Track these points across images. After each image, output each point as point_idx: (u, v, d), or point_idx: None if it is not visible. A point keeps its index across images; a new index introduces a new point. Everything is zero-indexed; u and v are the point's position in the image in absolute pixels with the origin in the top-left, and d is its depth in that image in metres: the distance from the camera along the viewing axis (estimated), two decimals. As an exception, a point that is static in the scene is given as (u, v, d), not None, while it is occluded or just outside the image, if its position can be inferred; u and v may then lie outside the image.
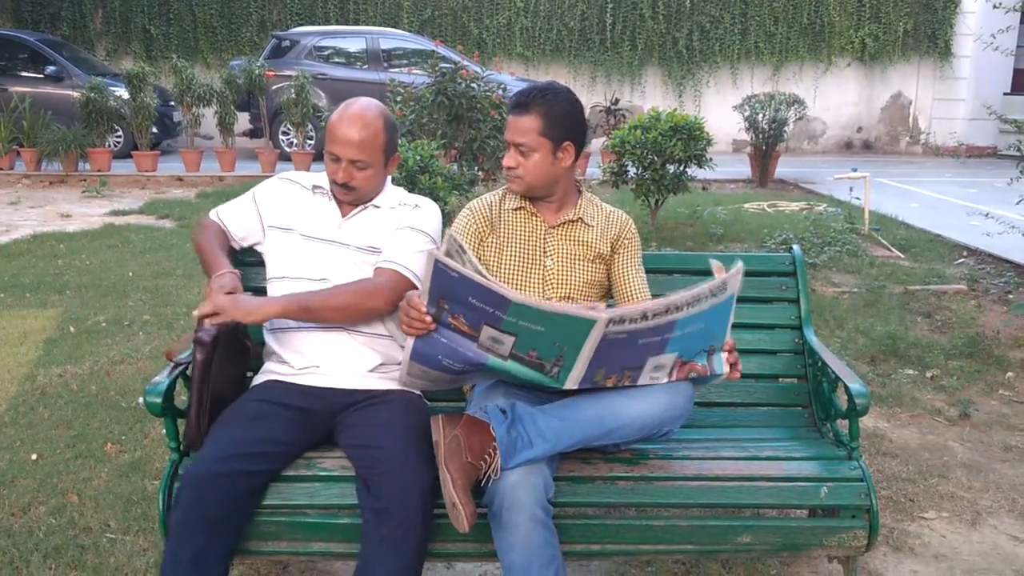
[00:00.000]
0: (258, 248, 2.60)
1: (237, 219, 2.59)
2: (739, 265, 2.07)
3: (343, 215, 2.51)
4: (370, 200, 2.53)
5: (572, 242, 2.53)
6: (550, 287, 2.49)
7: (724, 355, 2.20)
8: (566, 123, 2.43)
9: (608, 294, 2.61)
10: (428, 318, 2.02)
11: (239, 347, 2.45)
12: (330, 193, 2.53)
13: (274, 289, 2.48)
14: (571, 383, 2.10)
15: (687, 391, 2.23)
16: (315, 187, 2.56)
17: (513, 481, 2.07)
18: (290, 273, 2.46)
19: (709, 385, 2.31)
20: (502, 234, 2.52)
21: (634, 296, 2.54)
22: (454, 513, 2.04)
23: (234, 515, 2.10)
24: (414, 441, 2.20)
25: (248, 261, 2.65)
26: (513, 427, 2.12)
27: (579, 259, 2.52)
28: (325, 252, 2.46)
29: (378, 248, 2.46)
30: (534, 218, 2.53)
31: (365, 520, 2.12)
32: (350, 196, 2.49)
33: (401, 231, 2.48)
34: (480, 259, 2.47)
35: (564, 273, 2.50)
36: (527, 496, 2.06)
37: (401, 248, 2.44)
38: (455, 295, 1.99)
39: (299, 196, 2.56)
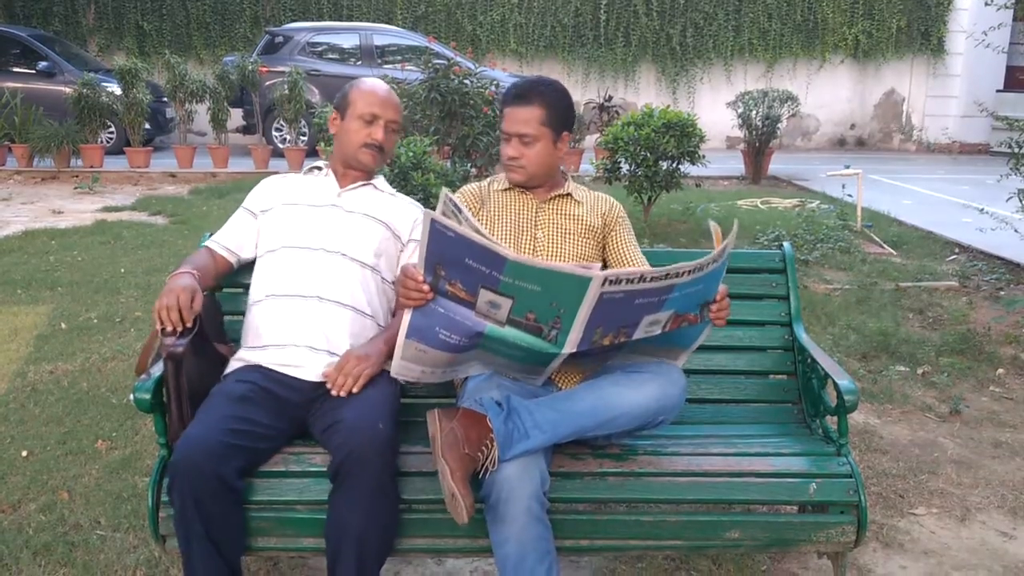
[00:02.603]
0: (251, 257, 2.59)
1: (232, 230, 2.61)
2: (734, 228, 2.14)
3: (341, 186, 2.60)
4: (374, 175, 2.66)
5: (562, 216, 2.58)
6: (540, 259, 2.46)
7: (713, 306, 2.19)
8: (565, 113, 2.52)
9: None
10: (426, 287, 2.02)
11: (211, 351, 2.43)
12: (327, 170, 2.64)
13: (274, 260, 2.48)
14: (570, 346, 2.07)
15: (680, 381, 2.26)
16: (310, 169, 2.68)
17: (510, 473, 2.07)
18: (288, 243, 2.49)
19: (700, 339, 2.30)
20: (492, 210, 2.58)
21: None
22: (453, 504, 2.04)
23: (225, 489, 2.10)
24: (370, 407, 2.21)
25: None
26: (509, 419, 2.12)
27: (570, 233, 2.56)
28: (325, 216, 2.53)
29: (383, 220, 2.56)
30: (524, 195, 2.59)
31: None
32: (378, 161, 2.59)
33: (416, 247, 2.56)
34: None
35: (555, 246, 2.55)
36: (524, 489, 2.07)
37: None
38: (451, 257, 1.98)
39: (291, 181, 2.66)
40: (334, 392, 2.27)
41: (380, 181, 2.67)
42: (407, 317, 2.06)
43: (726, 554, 2.66)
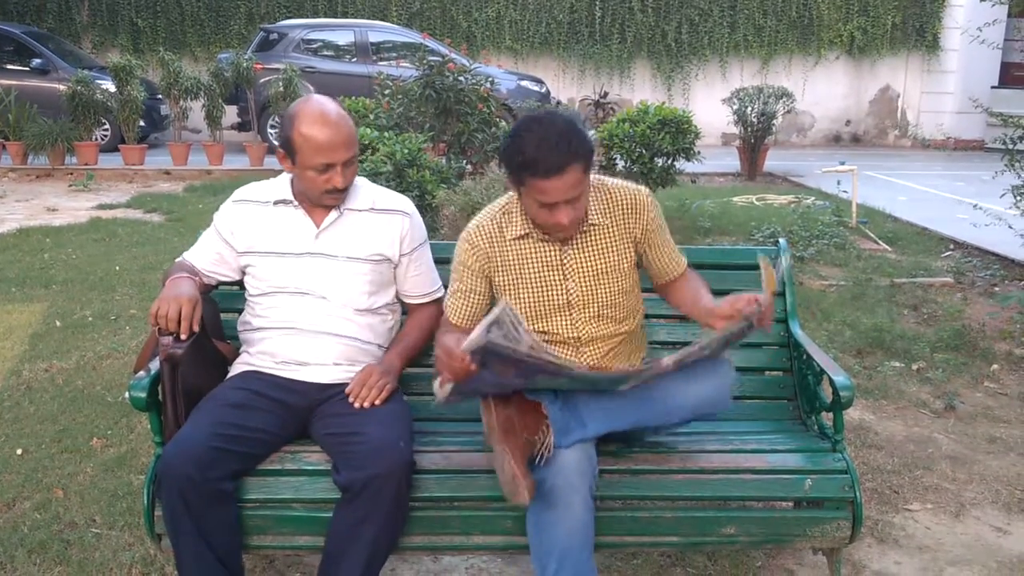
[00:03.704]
0: (228, 280, 2.53)
1: (204, 253, 2.50)
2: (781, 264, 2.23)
3: (317, 225, 2.42)
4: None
5: (590, 255, 2.33)
6: (576, 310, 2.33)
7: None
8: (590, 146, 2.21)
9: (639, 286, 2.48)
10: (473, 367, 1.93)
11: (210, 348, 2.43)
12: (296, 203, 2.43)
13: (267, 300, 2.44)
14: (627, 387, 2.16)
15: (730, 373, 2.25)
16: (276, 202, 2.44)
17: (570, 461, 2.09)
18: (278, 288, 2.42)
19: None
20: (513, 265, 2.33)
21: (668, 274, 2.44)
22: (514, 486, 2.01)
23: (213, 492, 2.10)
24: (391, 424, 2.22)
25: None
26: (565, 407, 2.13)
27: (603, 272, 2.33)
28: (309, 266, 2.40)
29: (367, 257, 2.42)
30: (543, 243, 2.32)
31: (337, 503, 2.16)
32: (342, 198, 2.41)
33: (414, 255, 2.51)
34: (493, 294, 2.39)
35: (588, 293, 2.32)
36: (583, 478, 2.09)
37: (428, 274, 2.56)
38: (507, 360, 1.95)
39: (261, 214, 2.45)
40: (357, 404, 2.26)
41: (355, 196, 2.46)
42: (449, 385, 2.02)
43: (722, 550, 2.67)
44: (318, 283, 2.40)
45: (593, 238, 2.33)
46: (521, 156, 2.14)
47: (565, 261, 2.32)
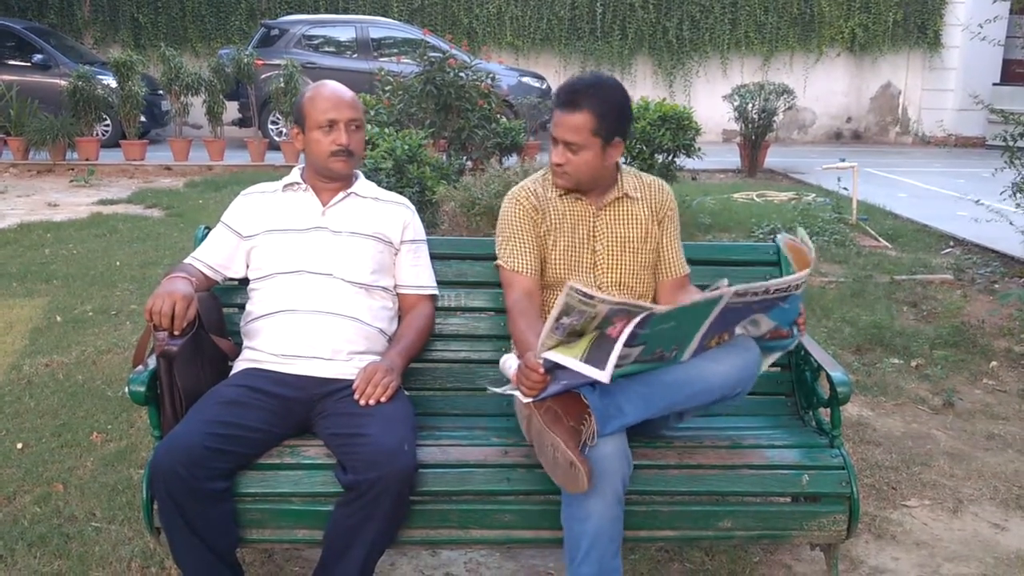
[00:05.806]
0: (237, 276, 2.58)
1: (213, 248, 2.56)
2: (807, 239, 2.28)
3: (324, 203, 2.54)
4: (352, 176, 2.59)
5: (620, 223, 2.50)
6: (600, 272, 2.49)
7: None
8: (616, 119, 2.37)
9: None
10: (547, 376, 2.03)
11: (208, 345, 2.42)
12: (305, 185, 2.56)
13: (269, 284, 2.46)
14: (686, 357, 2.16)
15: (754, 352, 2.25)
16: (285, 186, 2.58)
17: (609, 451, 2.09)
18: (280, 269, 2.46)
19: (786, 349, 2.39)
20: (552, 222, 2.48)
21: (671, 271, 2.56)
22: (572, 474, 2.02)
23: (205, 492, 2.10)
24: (395, 427, 2.21)
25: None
26: (603, 395, 2.13)
27: (629, 240, 2.50)
28: (313, 241, 2.47)
29: (371, 234, 2.51)
30: (580, 202, 2.50)
31: (338, 500, 2.16)
32: (350, 165, 2.52)
33: (414, 247, 2.60)
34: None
35: (614, 258, 2.49)
36: (618, 469, 2.09)
37: (426, 269, 2.63)
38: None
39: (269, 201, 2.58)
40: (362, 402, 2.27)
41: (361, 184, 2.61)
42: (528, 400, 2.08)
43: (719, 545, 2.68)
44: (322, 258, 2.45)
45: (627, 207, 2.52)
46: (558, 89, 2.41)
47: (597, 224, 2.50)
